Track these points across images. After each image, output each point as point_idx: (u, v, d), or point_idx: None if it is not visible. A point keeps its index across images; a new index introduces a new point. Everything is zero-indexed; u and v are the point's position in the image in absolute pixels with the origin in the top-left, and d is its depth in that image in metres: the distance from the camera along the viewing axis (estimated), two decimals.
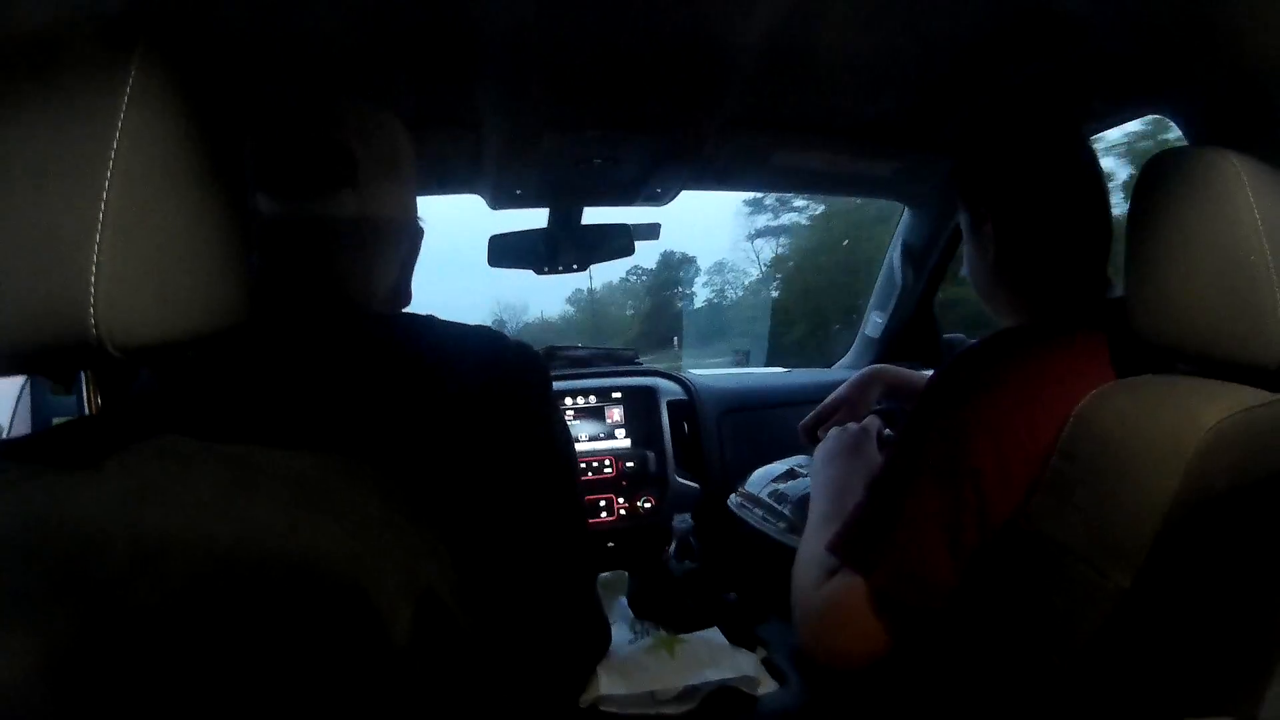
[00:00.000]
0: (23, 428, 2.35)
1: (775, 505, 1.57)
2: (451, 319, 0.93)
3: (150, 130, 0.55)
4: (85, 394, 0.89)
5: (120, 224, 0.53)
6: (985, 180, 1.20)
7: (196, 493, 0.60)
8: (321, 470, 0.66)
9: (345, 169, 0.92)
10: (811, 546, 1.21)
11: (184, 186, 0.58)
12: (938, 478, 0.99)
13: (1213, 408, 0.80)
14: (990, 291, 1.24)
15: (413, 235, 1.03)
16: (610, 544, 1.99)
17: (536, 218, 2.03)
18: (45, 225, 0.52)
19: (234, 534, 0.59)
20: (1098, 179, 1.16)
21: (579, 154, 1.69)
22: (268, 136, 0.91)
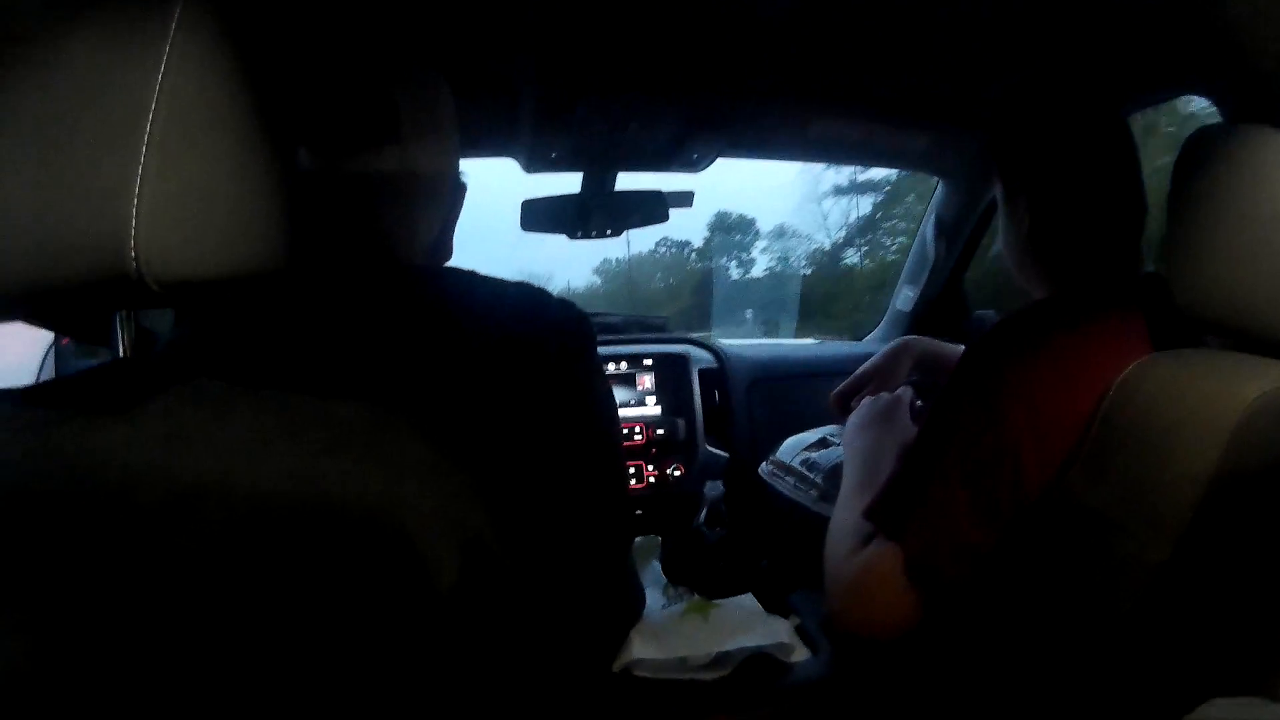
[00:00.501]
0: None
1: (807, 474, 1.57)
2: None
3: (196, 65, 0.54)
4: (121, 341, 0.88)
5: (163, 158, 0.52)
6: (1021, 153, 1.21)
7: (234, 437, 0.60)
8: (364, 416, 0.66)
9: (389, 124, 0.92)
10: (844, 515, 1.21)
11: (228, 125, 0.58)
12: (973, 448, 0.99)
13: (1254, 382, 0.80)
14: (1022, 264, 1.24)
15: (455, 190, 1.03)
16: (639, 511, 2.00)
17: (568, 183, 2.01)
18: (87, 157, 0.52)
19: (273, 478, 0.58)
20: (1132, 155, 1.16)
21: (616, 117, 1.68)
22: (310, 91, 0.90)
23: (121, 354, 1.00)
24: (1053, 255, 1.18)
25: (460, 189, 1.04)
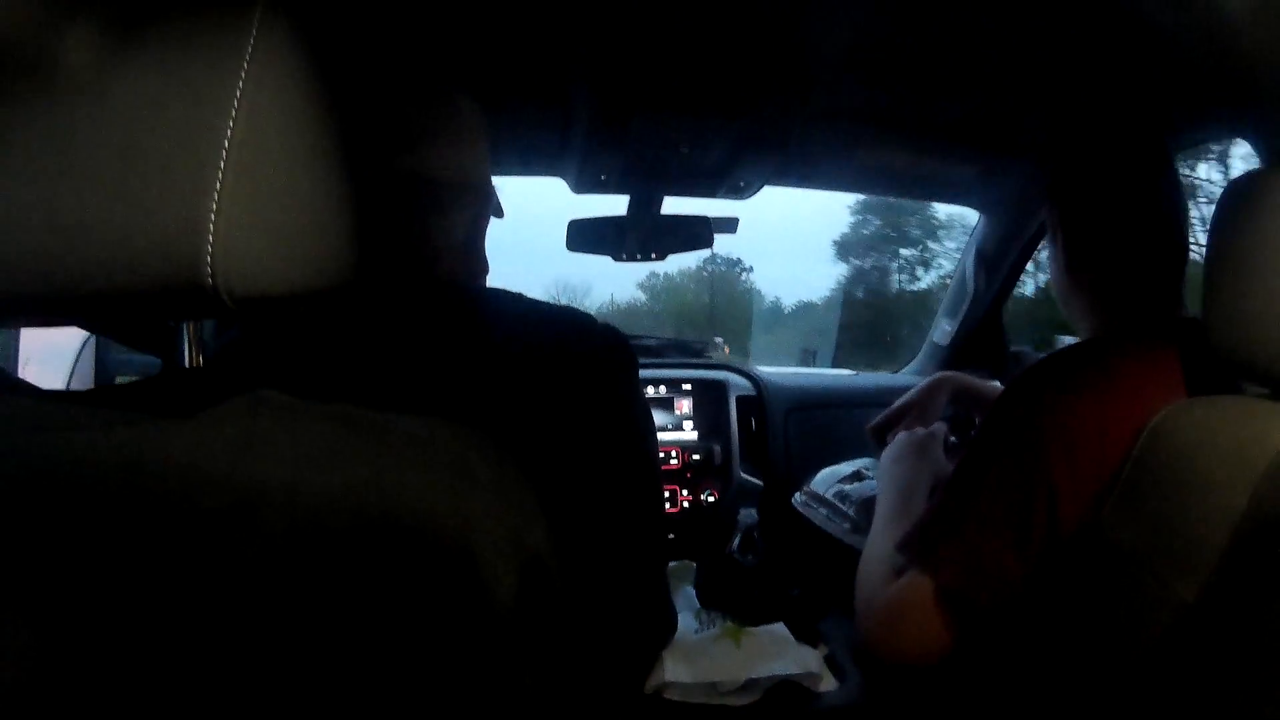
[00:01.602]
0: (82, 386, 2.31)
1: (840, 505, 1.58)
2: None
3: (273, 78, 0.55)
4: (188, 351, 0.90)
5: (241, 171, 0.52)
6: (1069, 184, 1.23)
7: (299, 445, 0.60)
8: (429, 431, 0.66)
9: (400, 134, 0.94)
10: (877, 546, 1.22)
11: (304, 139, 0.58)
12: (1010, 484, 1.00)
13: None
14: (1065, 297, 1.27)
15: (482, 198, 1.04)
16: (672, 535, 2.00)
17: (613, 206, 2.04)
18: (165, 168, 0.52)
19: (338, 488, 0.58)
20: (1177, 194, 1.17)
21: (666, 139, 1.70)
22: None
23: (187, 362, 1.01)
24: (1092, 290, 1.20)
25: (486, 198, 1.05)
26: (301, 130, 0.58)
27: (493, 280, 1.06)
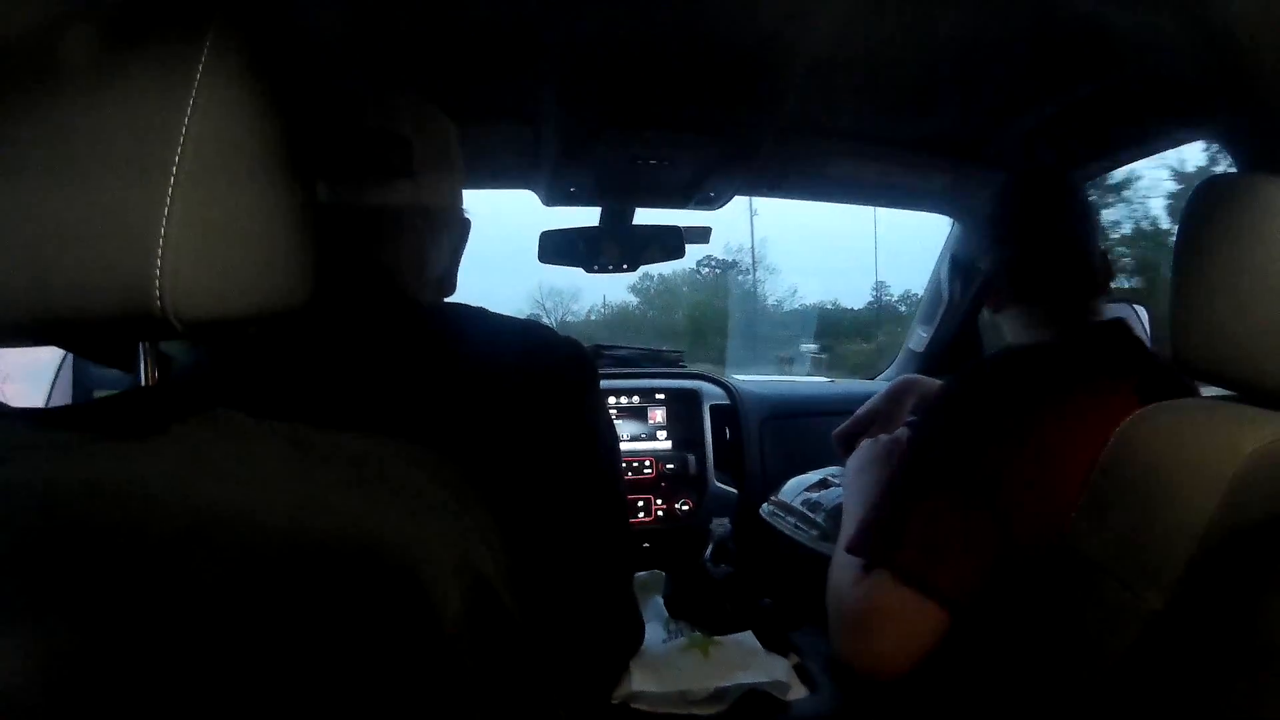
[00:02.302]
0: (62, 402, 2.34)
1: (808, 514, 1.57)
2: (493, 306, 0.95)
3: (223, 107, 0.55)
4: (144, 369, 0.90)
5: (189, 197, 0.53)
6: (994, 225, 1.38)
7: (253, 467, 0.60)
8: (379, 451, 0.66)
9: (402, 159, 0.94)
10: (845, 555, 1.22)
11: (254, 165, 0.58)
12: (955, 481, 1.02)
13: (1253, 434, 0.80)
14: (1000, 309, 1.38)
15: (461, 225, 1.05)
16: (646, 545, 2.00)
17: (587, 216, 2.04)
18: (114, 195, 0.52)
19: (290, 510, 0.58)
20: (1083, 222, 1.32)
21: (635, 153, 1.70)
22: (326, 124, 0.93)
23: (145, 382, 1.01)
24: (1022, 304, 1.32)
25: (466, 224, 1.06)
26: (252, 158, 0.58)
27: (475, 290, 1.07)
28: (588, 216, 2.05)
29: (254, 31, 0.58)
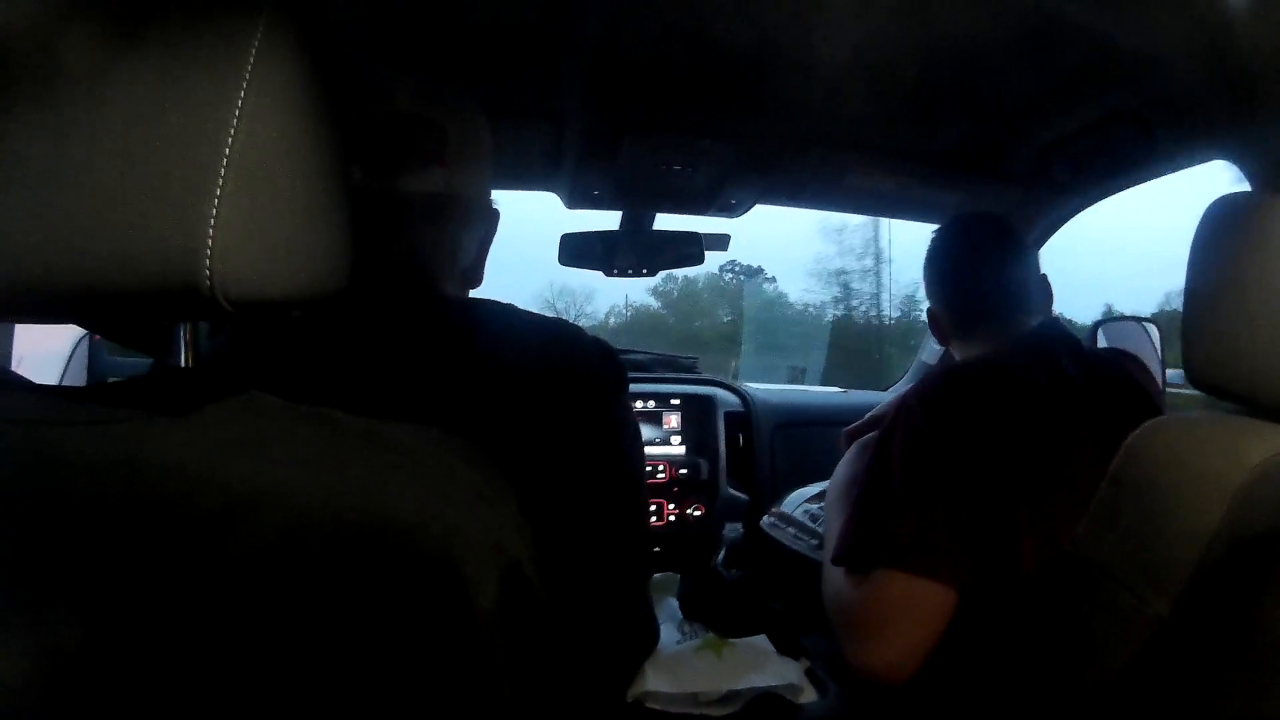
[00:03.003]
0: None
1: (808, 524, 1.59)
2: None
3: (276, 86, 0.55)
4: (183, 351, 0.90)
5: (242, 174, 0.53)
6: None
7: (289, 449, 0.60)
8: (416, 439, 0.66)
9: (437, 147, 0.95)
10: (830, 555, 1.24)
11: (305, 146, 0.59)
12: (924, 486, 1.09)
13: (1260, 447, 0.82)
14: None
15: (490, 217, 1.05)
16: (658, 548, 2.01)
17: (607, 220, 2.06)
18: (166, 171, 0.52)
19: (327, 492, 0.58)
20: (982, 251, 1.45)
21: (658, 158, 1.71)
22: (362, 112, 0.93)
23: (182, 362, 1.01)
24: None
25: (495, 215, 1.07)
26: (302, 140, 0.59)
27: (488, 287, 1.08)
28: (607, 221, 2.06)
29: (307, 15, 0.59)
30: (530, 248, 1.97)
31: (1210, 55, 1.00)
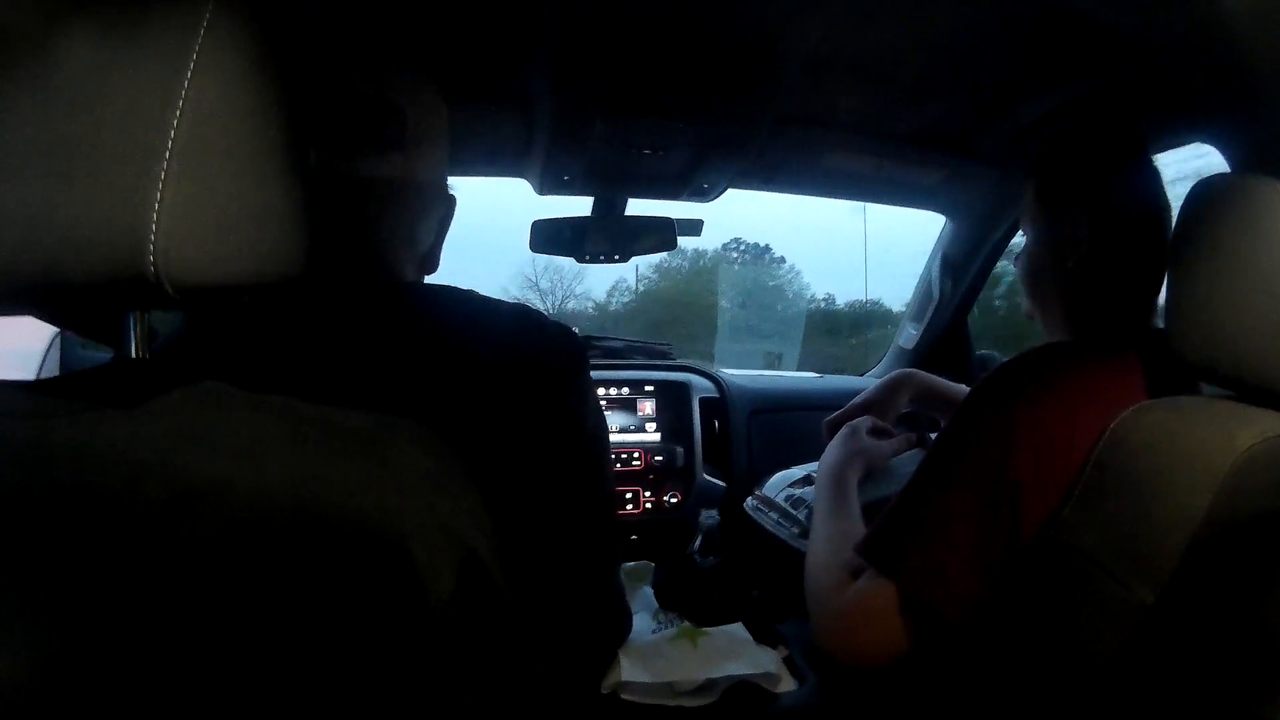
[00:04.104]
0: None
1: (790, 510, 1.57)
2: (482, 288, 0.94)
3: (222, 70, 0.55)
4: (133, 340, 0.89)
5: (186, 160, 0.53)
6: (1088, 182, 1.18)
7: (240, 438, 0.60)
8: (369, 426, 0.66)
9: (396, 131, 0.94)
10: (818, 544, 1.21)
11: (252, 131, 0.58)
12: (975, 486, 0.98)
13: (1248, 431, 0.81)
14: (1051, 301, 1.23)
15: (448, 201, 1.05)
16: (634, 536, 2.00)
17: (580, 207, 2.05)
18: (111, 157, 0.52)
19: (276, 481, 0.58)
20: (1169, 207, 1.15)
21: (629, 142, 1.70)
22: (320, 96, 0.92)
23: (133, 354, 1.01)
24: (1092, 292, 1.17)
25: (452, 200, 1.06)
26: (250, 125, 0.58)
27: (473, 268, 1.07)
28: (580, 208, 2.05)
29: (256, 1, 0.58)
30: (520, 225, 1.96)
31: (1195, 36, 0.99)
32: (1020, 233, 1.94)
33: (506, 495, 0.77)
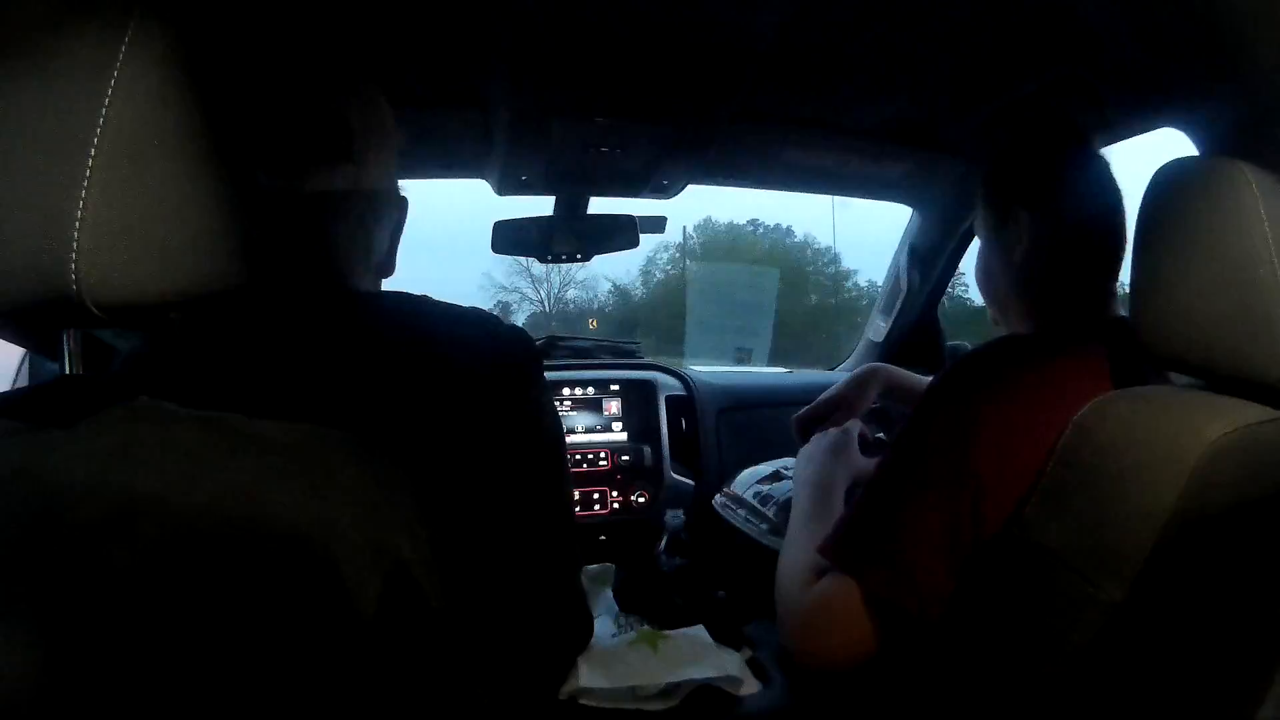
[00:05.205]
0: None
1: (759, 507, 1.57)
2: (462, 291, 0.93)
3: (144, 88, 0.54)
4: (67, 356, 0.89)
5: (107, 179, 0.52)
6: (1023, 178, 1.18)
7: (170, 454, 0.60)
8: (301, 438, 0.65)
9: (344, 143, 0.92)
10: (794, 548, 1.20)
11: (175, 148, 0.57)
12: (937, 481, 0.98)
13: (1216, 422, 0.79)
14: (1005, 296, 1.23)
15: (399, 205, 1.04)
16: (602, 537, 1.99)
17: (542, 205, 2.04)
18: (30, 178, 0.51)
19: (205, 497, 0.58)
20: (1118, 193, 1.16)
21: (587, 141, 1.69)
22: (265, 109, 0.90)
23: (69, 370, 1.00)
24: (1040, 285, 1.17)
25: (404, 205, 1.05)
26: (173, 142, 0.57)
27: (455, 275, 1.05)
28: (542, 206, 2.04)
29: (180, 11, 0.57)
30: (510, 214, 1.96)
31: (1160, 21, 0.98)
32: None
33: (455, 502, 0.77)
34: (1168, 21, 0.97)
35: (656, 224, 2.09)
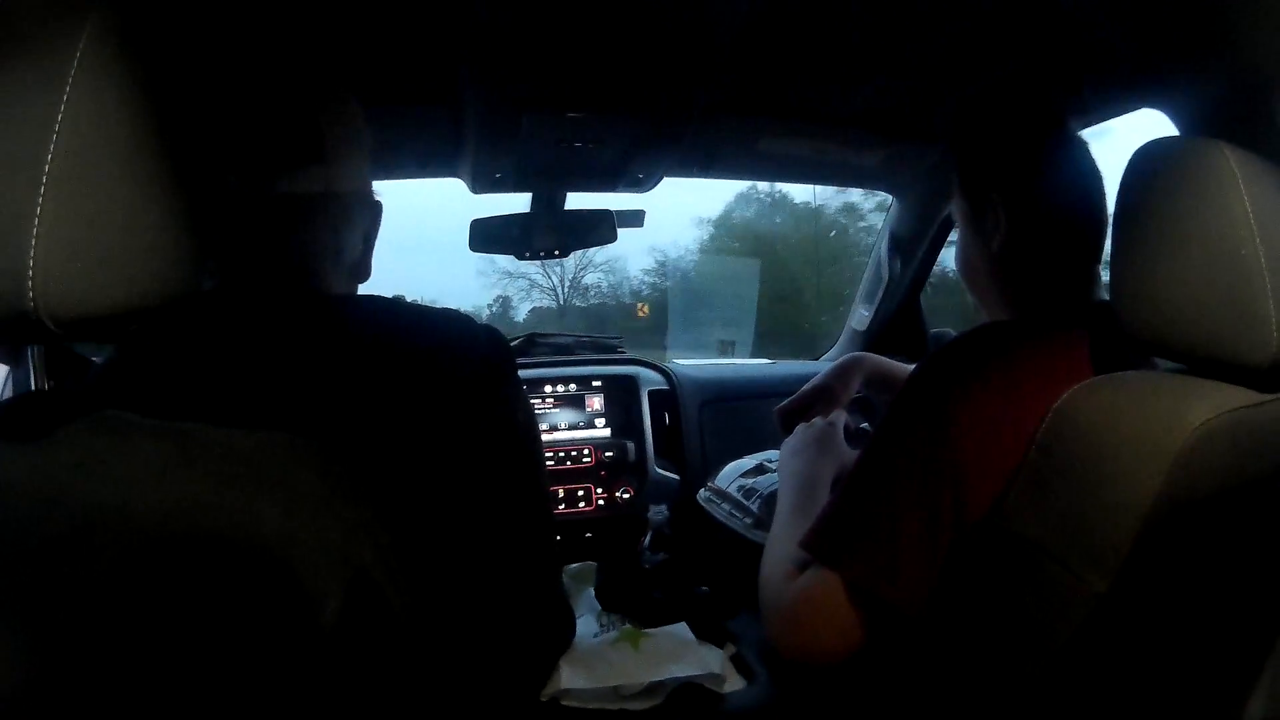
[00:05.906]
0: None
1: (743, 500, 1.56)
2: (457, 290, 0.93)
3: (99, 100, 0.54)
4: (32, 369, 0.88)
5: (63, 194, 0.52)
6: (997, 166, 1.16)
7: (131, 467, 0.60)
8: (263, 447, 0.65)
9: (313, 145, 0.92)
10: (779, 541, 1.19)
11: (132, 159, 0.57)
12: (917, 471, 0.96)
13: (1200, 407, 0.78)
14: (985, 284, 1.21)
15: (373, 209, 1.03)
16: (588, 534, 1.99)
17: (519, 203, 2.03)
18: None
19: (166, 508, 0.59)
20: (1098, 175, 1.13)
21: (559, 136, 1.68)
22: (233, 113, 0.90)
23: (33, 383, 1.00)
24: (1019, 273, 1.15)
25: (378, 207, 1.04)
26: (131, 153, 0.57)
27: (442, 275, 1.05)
28: (519, 204, 2.04)
29: (137, 17, 0.57)
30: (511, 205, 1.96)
31: (1139, 1, 0.97)
32: None
33: (424, 506, 0.77)
34: (1149, 5, 0.96)
35: (635, 218, 2.08)
